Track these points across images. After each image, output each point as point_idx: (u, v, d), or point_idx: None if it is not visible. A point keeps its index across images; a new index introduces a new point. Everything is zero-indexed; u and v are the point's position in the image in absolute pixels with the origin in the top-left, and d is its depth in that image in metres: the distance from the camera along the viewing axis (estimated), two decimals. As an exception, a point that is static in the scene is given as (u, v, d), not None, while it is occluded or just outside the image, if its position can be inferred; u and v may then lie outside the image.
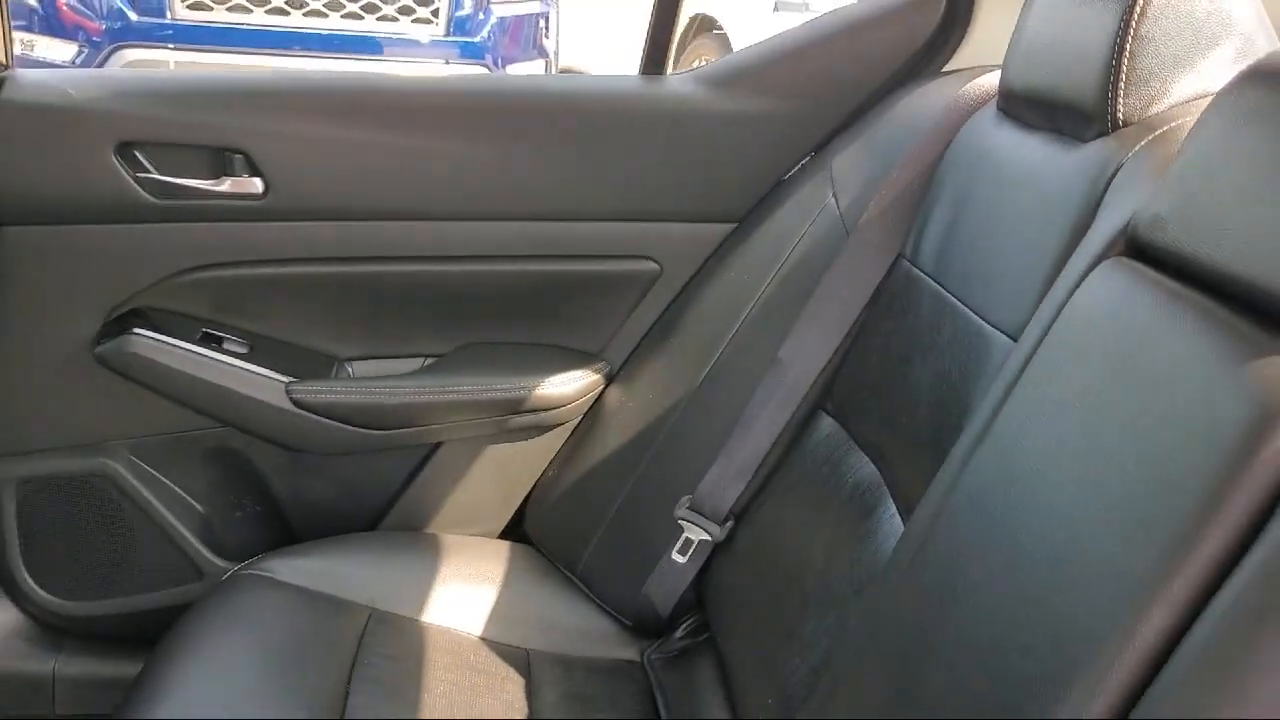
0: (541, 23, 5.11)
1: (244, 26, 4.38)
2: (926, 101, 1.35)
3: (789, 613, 1.20)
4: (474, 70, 4.68)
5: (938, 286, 1.17)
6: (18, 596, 1.54)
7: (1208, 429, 0.65)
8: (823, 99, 1.50)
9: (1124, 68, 0.96)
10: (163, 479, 1.54)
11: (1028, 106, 1.12)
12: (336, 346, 1.57)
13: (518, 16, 4.87)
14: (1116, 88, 0.97)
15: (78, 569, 1.54)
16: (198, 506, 1.56)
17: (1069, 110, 1.04)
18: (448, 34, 4.61)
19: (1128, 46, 0.96)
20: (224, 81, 1.48)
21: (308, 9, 4.37)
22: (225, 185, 1.45)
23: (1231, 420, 0.64)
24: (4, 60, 1.42)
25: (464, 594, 1.42)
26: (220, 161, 1.44)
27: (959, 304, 1.11)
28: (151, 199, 1.43)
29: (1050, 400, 0.81)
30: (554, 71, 5.06)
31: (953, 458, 0.90)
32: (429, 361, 1.59)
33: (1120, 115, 0.97)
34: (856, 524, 1.16)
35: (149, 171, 1.43)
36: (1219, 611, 0.60)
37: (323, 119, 1.47)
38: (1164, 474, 0.67)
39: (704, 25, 5.61)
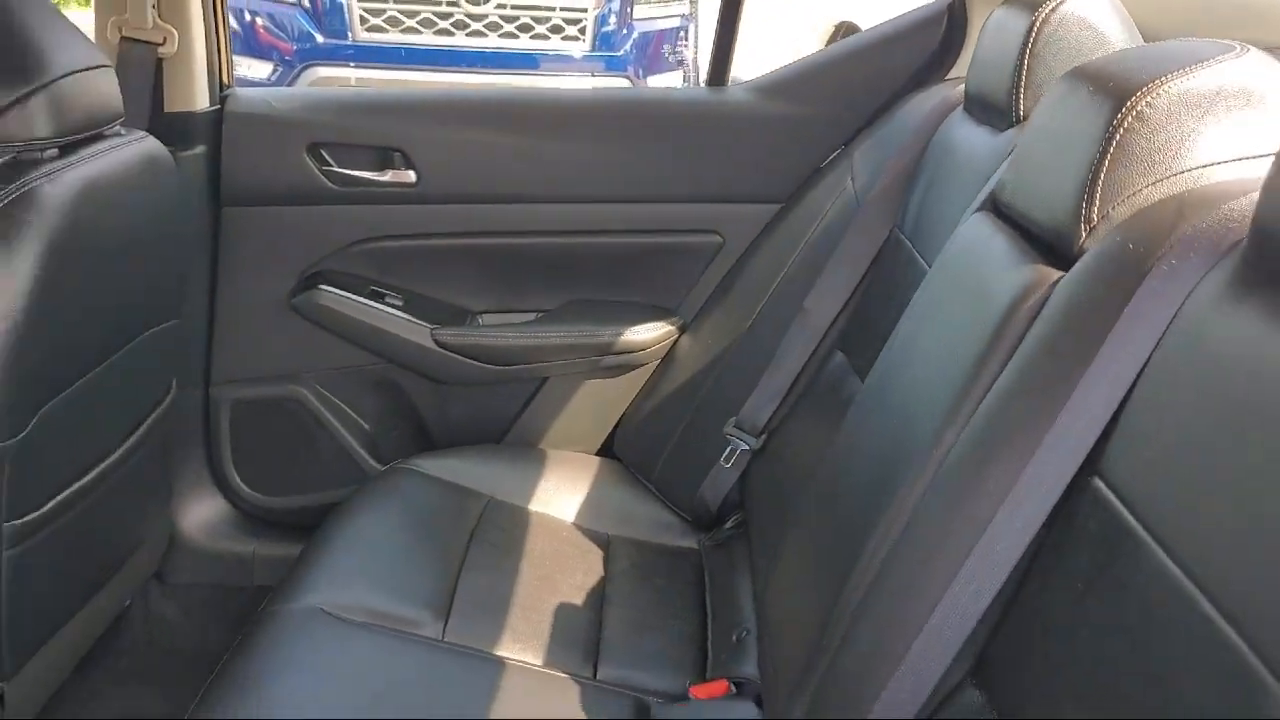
0: (681, 35, 5.50)
1: (415, 46, 4.92)
2: (927, 104, 1.69)
3: (802, 503, 1.55)
4: (618, 82, 5.10)
5: (910, 246, 1.52)
6: (228, 492, 2.02)
7: (992, 306, 1.01)
8: (850, 103, 1.86)
9: (1022, 75, 1.30)
10: (339, 402, 2.00)
11: (976, 107, 1.46)
12: (470, 301, 2.00)
13: (659, 31, 5.28)
14: (1018, 91, 1.31)
15: (273, 471, 2.01)
16: (364, 425, 2.02)
17: (994, 108, 1.38)
18: (593, 49, 5.05)
19: (1025, 60, 1.30)
20: (387, 96, 1.94)
21: (470, 30, 4.88)
22: (387, 176, 1.90)
23: (1003, 297, 0.99)
24: (228, 81, 1.91)
25: (561, 492, 1.82)
26: (384, 157, 1.90)
27: (917, 256, 1.46)
28: (333, 186, 1.89)
29: (921, 306, 1.16)
30: (693, 81, 5.43)
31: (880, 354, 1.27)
32: (541, 314, 2.01)
33: (1021, 112, 1.31)
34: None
35: (331, 165, 1.89)
36: (976, 422, 0.96)
37: (461, 124, 1.90)
38: (966, 338, 1.02)
39: (848, 30, 5.91)
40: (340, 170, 1.89)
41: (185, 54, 1.81)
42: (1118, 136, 0.92)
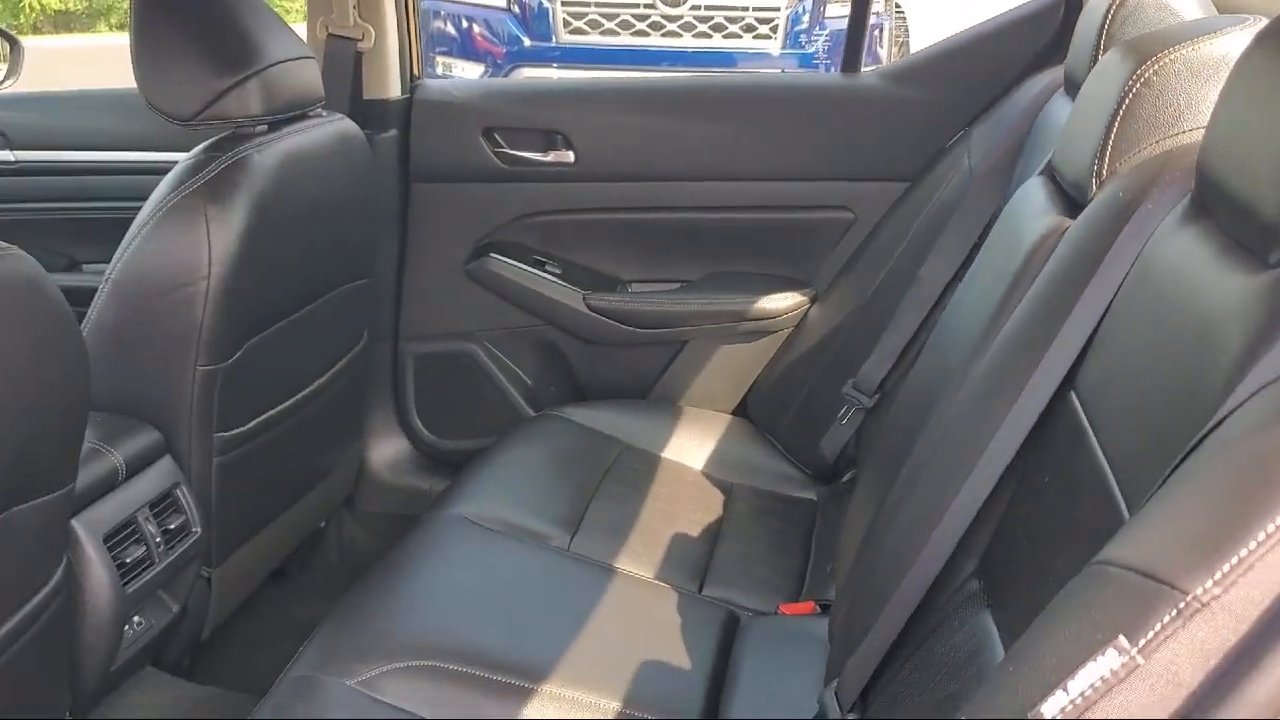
0: (876, 33, 5.58)
1: (615, 47, 5.20)
2: (1036, 86, 1.79)
3: (900, 453, 1.69)
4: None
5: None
6: (411, 435, 2.30)
7: (1018, 252, 1.13)
8: (972, 87, 1.97)
9: (1098, 53, 1.40)
10: (504, 359, 2.25)
11: (1070, 86, 1.56)
12: (621, 270, 2.21)
13: (852, 28, 5.37)
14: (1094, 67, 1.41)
15: (448, 416, 2.28)
16: (525, 379, 2.26)
17: (1078, 86, 1.47)
18: (785, 47, 5.20)
19: (1101, 39, 1.39)
20: (550, 85, 2.18)
21: (665, 30, 5.13)
22: (550, 156, 2.14)
23: (1026, 243, 1.12)
24: (417, 72, 2.18)
25: (692, 443, 2.01)
26: (547, 140, 2.13)
27: None
28: (503, 166, 2.14)
29: (977, 262, 1.29)
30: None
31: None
32: (684, 284, 2.20)
33: None
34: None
35: (503, 147, 2.14)
36: (993, 350, 1.09)
37: (615, 109, 2.12)
38: (997, 281, 1.15)
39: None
40: (510, 151, 2.14)
41: (381, 49, 2.09)
42: (1128, 100, 1.03)
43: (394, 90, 2.13)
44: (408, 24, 2.14)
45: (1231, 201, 0.78)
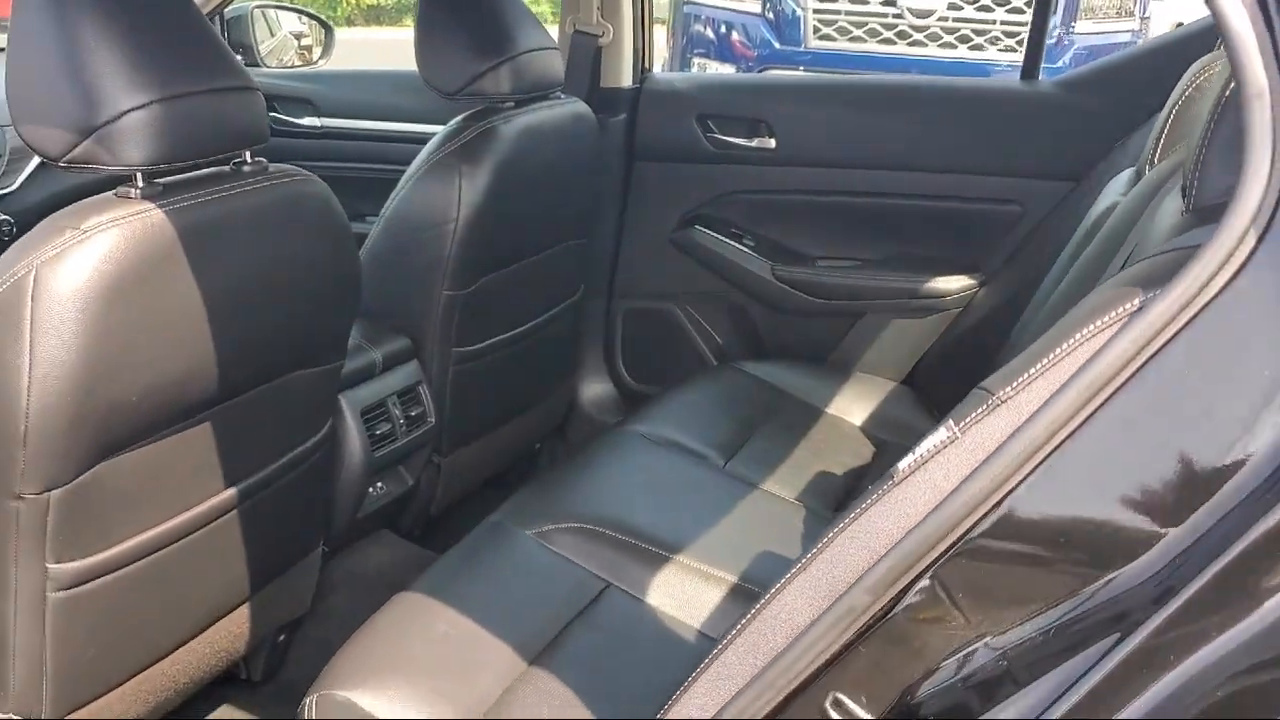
0: (1130, 50, 5.55)
1: (862, 53, 5.41)
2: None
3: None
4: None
5: None
6: (615, 378, 2.65)
7: (1087, 222, 1.35)
8: (1138, 97, 2.13)
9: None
10: (699, 319, 2.57)
11: None
12: (808, 247, 2.48)
13: (1101, 45, 5.38)
14: None
15: (647, 365, 2.61)
16: (716, 338, 2.57)
17: None
18: (1030, 60, 5.27)
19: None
20: (758, 79, 2.48)
21: (911, 39, 5.30)
22: (754, 142, 2.43)
23: (1093, 215, 1.33)
24: (647, 66, 2.53)
25: (854, 403, 2.25)
26: (752, 127, 2.43)
27: None
28: (712, 149, 2.45)
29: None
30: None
31: None
32: (864, 262, 2.45)
33: None
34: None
35: (714, 132, 2.46)
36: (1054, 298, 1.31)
37: (814, 103, 2.40)
38: (1073, 250, 1.37)
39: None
40: (719, 136, 2.45)
41: (618, 44, 2.45)
42: (1178, 105, 1.24)
43: (626, 80, 2.48)
44: (643, 23, 2.49)
45: None
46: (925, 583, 0.72)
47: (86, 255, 1.19)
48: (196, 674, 1.59)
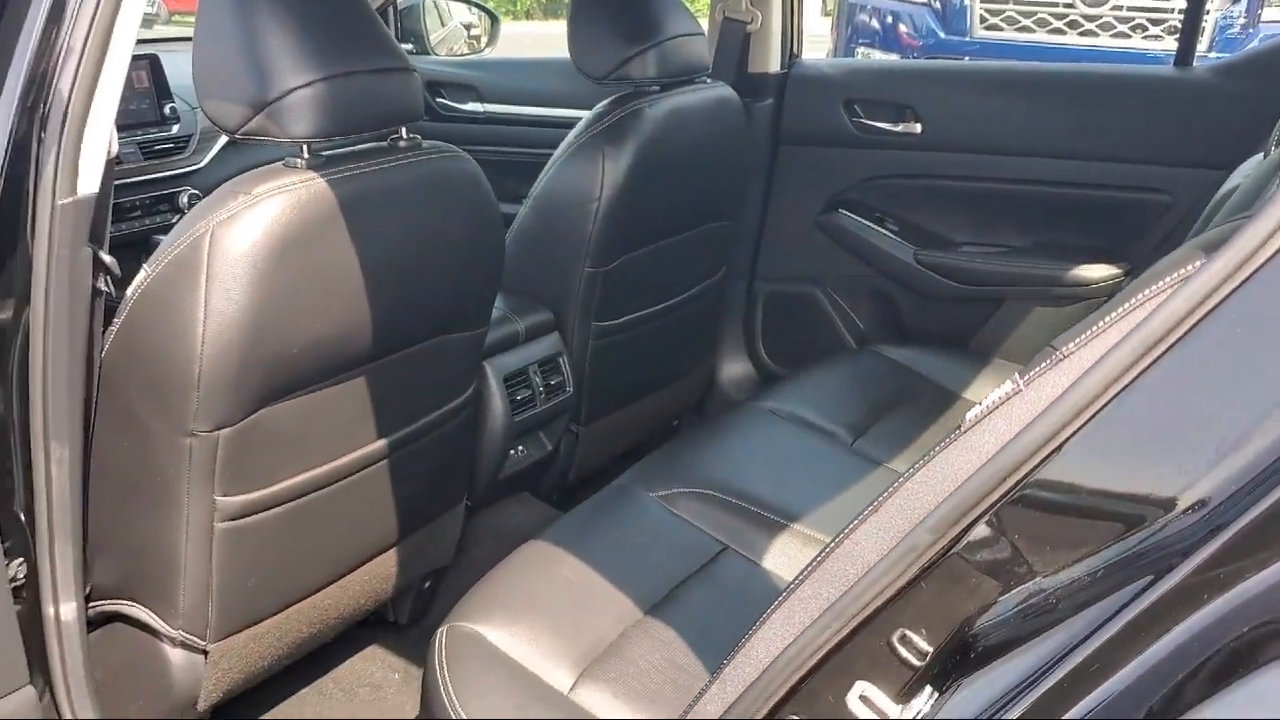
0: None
1: (1030, 44, 5.29)
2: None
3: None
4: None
5: None
6: (755, 359, 2.71)
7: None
8: None
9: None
10: (841, 302, 2.60)
11: None
12: (951, 232, 2.48)
13: (1291, 33, 5.12)
14: None
15: (787, 348, 2.66)
16: (857, 322, 2.60)
17: None
18: (1210, 51, 5.06)
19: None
20: (904, 65, 2.49)
21: (1082, 29, 5.16)
22: (900, 128, 2.45)
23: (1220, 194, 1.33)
24: (796, 52, 2.57)
25: (987, 388, 2.25)
26: (898, 113, 2.45)
27: None
28: (858, 134, 2.48)
29: None
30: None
31: None
32: (1007, 249, 2.43)
33: None
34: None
35: (860, 117, 2.48)
36: None
37: (962, 90, 2.40)
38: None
39: None
40: (865, 121, 2.48)
41: (766, 31, 2.50)
42: None
43: (774, 66, 2.53)
44: (792, 10, 2.53)
45: None
46: (985, 524, 0.77)
47: (256, 218, 1.32)
48: (348, 610, 1.72)
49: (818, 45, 6.26)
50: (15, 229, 1.21)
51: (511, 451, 2.05)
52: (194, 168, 2.45)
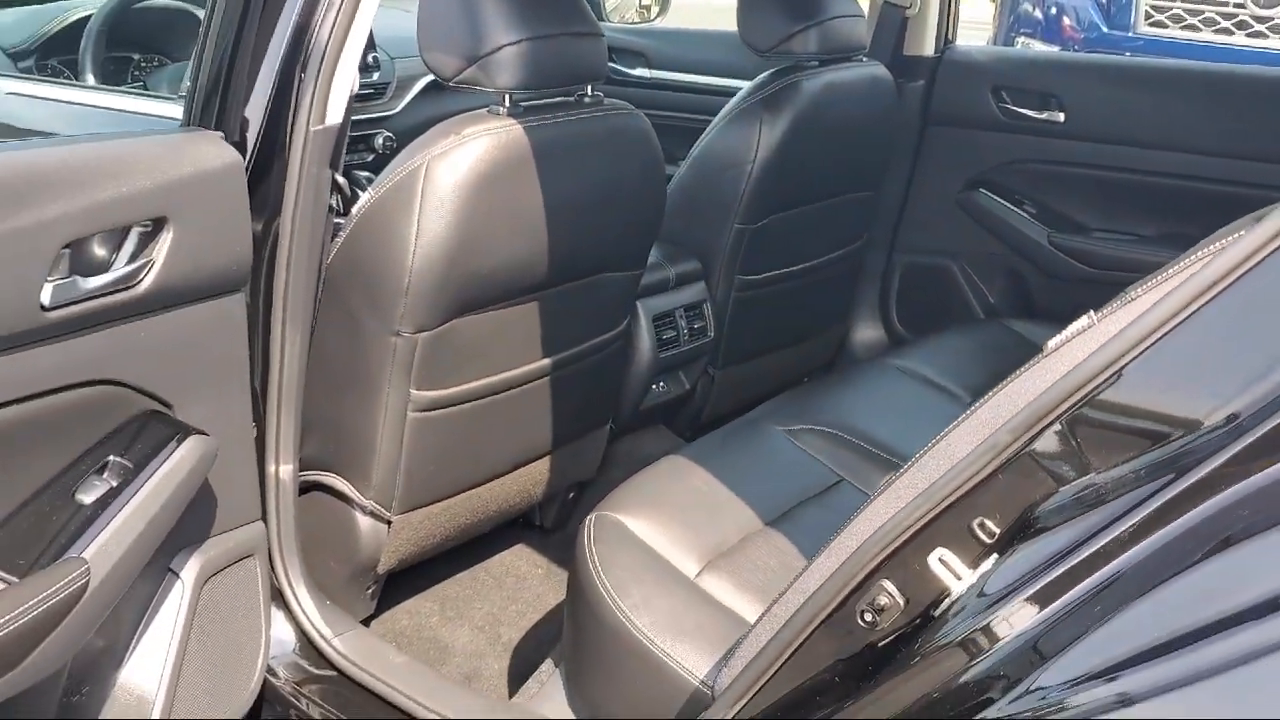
0: None
1: (1194, 43, 5.23)
2: None
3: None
4: None
5: None
6: (888, 326, 2.87)
7: None
8: None
9: None
10: (975, 277, 2.73)
11: None
12: (1087, 218, 2.60)
13: None
14: None
15: (919, 317, 2.81)
16: (989, 297, 2.73)
17: None
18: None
19: None
20: (1051, 56, 2.60)
21: (1251, 30, 5.08)
22: (1043, 115, 2.57)
23: None
24: (950, 37, 2.71)
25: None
26: (1042, 101, 2.57)
27: None
28: (1003, 119, 2.61)
29: None
30: None
31: None
32: (1138, 237, 2.54)
33: None
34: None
35: (1006, 103, 2.62)
36: None
37: (1106, 83, 2.51)
38: None
39: None
40: (1011, 107, 2.61)
41: (923, 16, 2.64)
42: None
43: (928, 49, 2.68)
44: (949, -2, 2.67)
45: None
46: (1054, 430, 0.94)
47: (465, 154, 1.56)
48: (504, 505, 1.97)
49: (979, 32, 6.30)
50: (274, 150, 1.47)
51: (654, 386, 2.27)
52: (389, 113, 2.73)
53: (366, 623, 1.88)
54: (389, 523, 1.76)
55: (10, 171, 1.09)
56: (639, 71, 3.33)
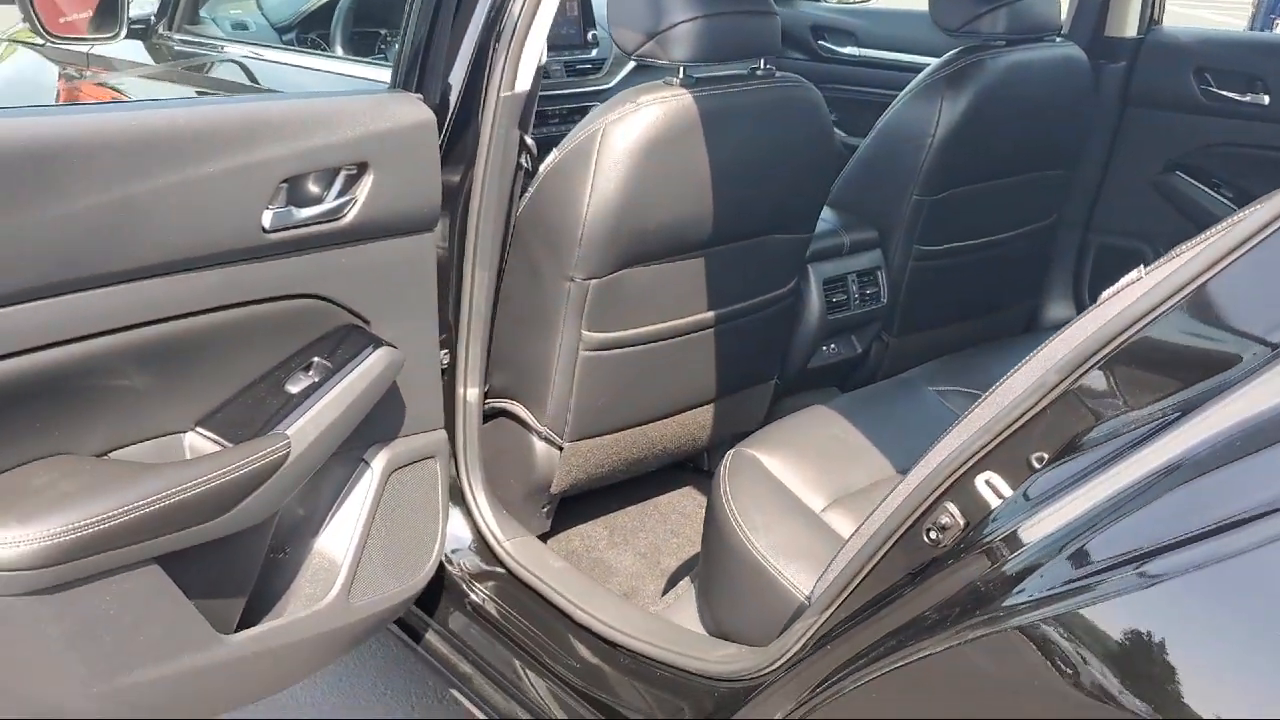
0: None
1: None
2: None
3: None
4: None
5: None
6: (1080, 305, 2.87)
7: None
8: None
9: None
10: None
11: None
12: None
13: None
14: None
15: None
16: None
17: None
18: None
19: None
20: (1261, 38, 2.53)
21: None
22: (1247, 98, 2.52)
23: None
24: (1156, 19, 2.68)
25: None
26: (1249, 83, 2.52)
27: None
28: (1206, 101, 2.58)
29: None
30: None
31: None
32: None
33: None
34: None
35: (1209, 86, 2.58)
36: None
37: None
38: None
39: None
40: (1214, 90, 2.57)
41: (1126, -2, 2.64)
42: None
43: (1131, 31, 2.67)
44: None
45: None
46: (1098, 369, 1.03)
47: (639, 120, 1.74)
48: (670, 445, 2.16)
49: (1238, 14, 5.99)
50: (469, 113, 1.70)
51: (824, 347, 2.40)
52: (605, 87, 2.95)
53: (544, 539, 2.11)
54: (561, 449, 1.98)
55: (243, 119, 1.36)
56: (849, 50, 3.43)
